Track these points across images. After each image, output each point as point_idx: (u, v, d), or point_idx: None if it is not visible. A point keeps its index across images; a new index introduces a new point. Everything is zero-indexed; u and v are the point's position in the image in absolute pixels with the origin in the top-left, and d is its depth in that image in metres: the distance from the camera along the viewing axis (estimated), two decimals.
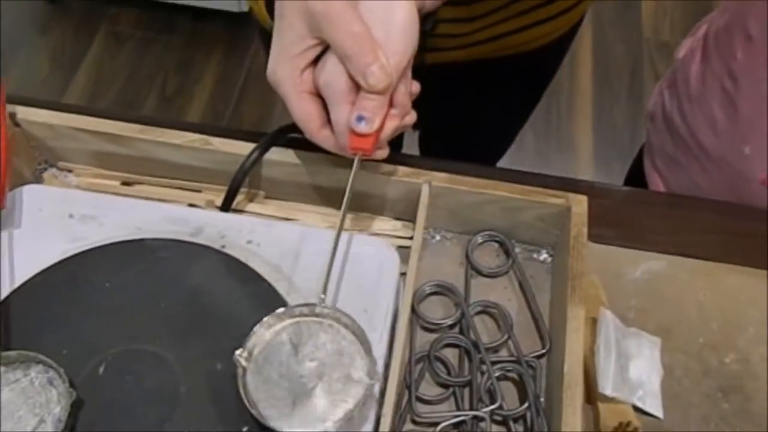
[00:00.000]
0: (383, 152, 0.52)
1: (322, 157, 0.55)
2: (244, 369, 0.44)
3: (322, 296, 0.46)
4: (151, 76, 1.96)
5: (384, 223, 0.59)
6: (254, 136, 0.56)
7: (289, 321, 0.46)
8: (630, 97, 2.00)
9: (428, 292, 0.56)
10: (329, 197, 0.58)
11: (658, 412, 0.53)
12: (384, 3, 0.46)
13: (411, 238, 0.57)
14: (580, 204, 0.55)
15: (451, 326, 0.56)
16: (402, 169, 0.56)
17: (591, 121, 1.97)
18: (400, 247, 0.57)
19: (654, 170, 0.83)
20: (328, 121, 0.49)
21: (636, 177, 0.89)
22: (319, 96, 0.49)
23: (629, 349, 0.53)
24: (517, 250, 0.59)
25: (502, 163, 1.87)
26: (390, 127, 0.49)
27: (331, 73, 0.47)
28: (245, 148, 0.55)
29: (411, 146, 1.06)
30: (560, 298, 0.53)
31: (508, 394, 0.53)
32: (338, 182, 0.56)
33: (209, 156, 0.55)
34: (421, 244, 0.53)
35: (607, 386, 0.50)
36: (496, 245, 0.60)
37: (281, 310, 0.46)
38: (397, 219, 0.59)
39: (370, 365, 0.45)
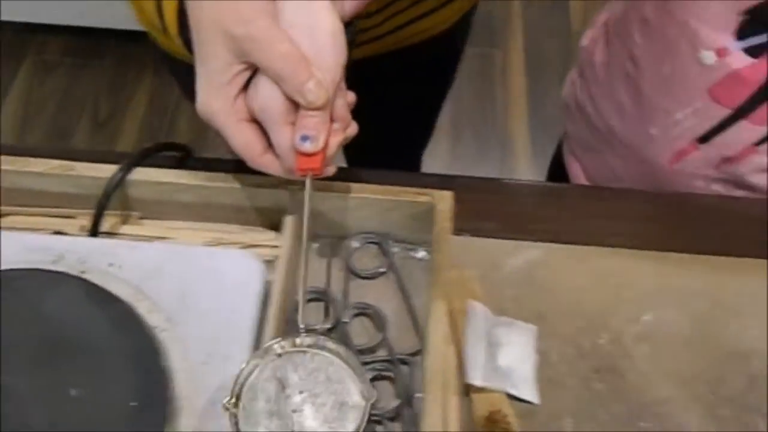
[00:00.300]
0: (332, 168, 0.51)
1: (185, 174, 0.55)
2: (235, 417, 0.43)
3: (302, 326, 0.46)
4: (82, 102, 1.94)
5: (260, 235, 0.59)
6: (121, 157, 0.57)
7: (271, 358, 0.45)
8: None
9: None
10: (203, 213, 0.59)
11: (533, 397, 0.54)
12: (307, 16, 0.45)
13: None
14: (444, 200, 0.56)
15: (330, 330, 0.56)
16: (269, 179, 0.56)
17: (526, 116, 1.99)
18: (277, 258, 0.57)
19: (574, 159, 0.85)
20: (270, 145, 0.48)
21: (558, 167, 0.91)
22: (255, 121, 0.48)
23: (500, 338, 0.54)
24: (395, 249, 0.60)
25: (441, 163, 1.91)
26: (335, 143, 0.48)
27: (266, 96, 0.46)
28: (109, 171, 0.55)
29: None
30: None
31: (387, 394, 0.54)
32: (207, 197, 0.57)
33: (74, 181, 0.55)
34: (292, 251, 0.54)
35: (476, 376, 0.51)
36: (375, 246, 0.60)
37: (262, 348, 0.45)
38: (273, 229, 0.59)
39: (363, 385, 0.44)
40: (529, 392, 0.54)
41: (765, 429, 0.54)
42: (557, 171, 0.90)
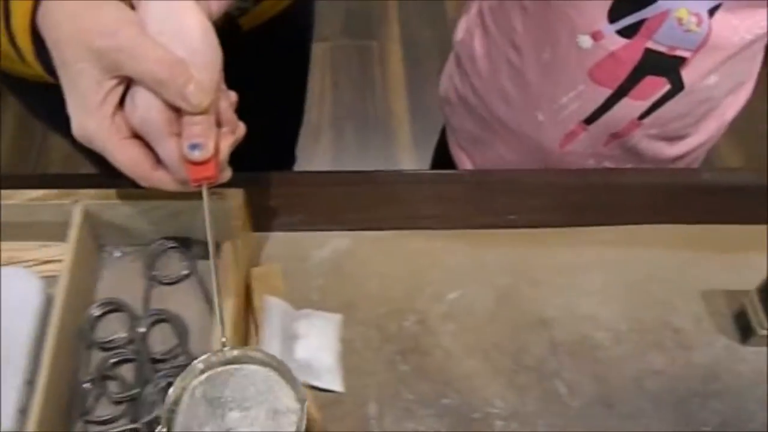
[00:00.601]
0: (227, 173, 0.49)
1: None
2: None
3: (223, 339, 0.45)
4: None
5: (53, 250, 0.57)
6: None
7: (196, 377, 0.44)
8: None
9: (99, 313, 0.55)
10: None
11: (338, 386, 0.54)
12: (174, 21, 0.43)
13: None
14: (235, 198, 0.55)
15: (131, 341, 0.55)
16: (51, 192, 0.54)
17: (406, 106, 2.01)
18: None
19: (460, 150, 0.85)
20: (158, 160, 0.46)
21: (442, 158, 0.91)
22: (138, 137, 0.45)
23: (299, 331, 0.54)
24: (198, 252, 0.59)
25: (325, 159, 1.91)
26: (225, 147, 0.46)
27: (145, 108, 0.44)
28: None
29: None
30: None
31: None
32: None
33: None
34: (74, 265, 0.52)
35: None
36: (177, 251, 0.59)
37: (187, 369, 0.44)
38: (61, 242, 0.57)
39: (296, 389, 0.44)
40: (332, 382, 0.54)
41: (566, 392, 0.55)
42: (443, 162, 0.91)
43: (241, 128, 0.49)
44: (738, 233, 0.63)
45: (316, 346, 0.54)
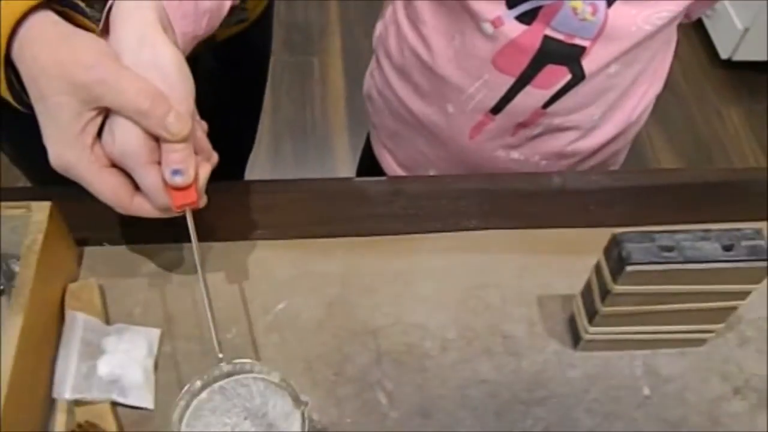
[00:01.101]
0: (204, 199, 0.50)
1: None
2: None
3: (220, 356, 0.49)
4: None
5: None
6: None
7: (196, 396, 0.48)
8: None
9: None
10: None
11: (147, 403, 0.52)
12: (148, 53, 0.44)
13: None
14: (42, 211, 0.54)
15: None
16: None
17: (345, 117, 2.00)
18: None
19: (383, 148, 0.85)
20: (136, 188, 0.47)
21: (368, 159, 0.91)
22: (116, 167, 0.46)
23: (106, 346, 0.53)
24: (16, 267, 0.57)
25: (264, 171, 1.89)
26: (203, 174, 0.48)
27: (124, 139, 0.44)
28: None
29: None
30: None
31: None
32: None
33: None
34: None
35: (64, 390, 0.49)
36: None
37: (183, 391, 0.48)
38: None
39: (292, 394, 0.47)
40: (141, 398, 0.52)
41: (386, 402, 0.54)
42: (368, 163, 0.91)
43: (215, 156, 0.51)
44: (576, 237, 0.63)
45: (125, 362, 0.52)
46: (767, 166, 1.78)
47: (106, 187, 0.46)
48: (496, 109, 0.68)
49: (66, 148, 0.45)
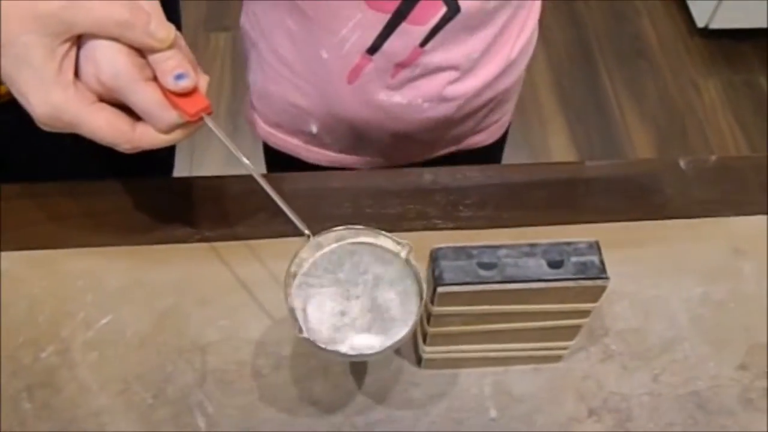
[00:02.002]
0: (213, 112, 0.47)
1: None
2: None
3: (306, 232, 0.46)
4: None
5: None
6: None
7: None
8: None
9: None
10: None
11: None
12: None
13: None
14: None
15: None
16: None
17: None
18: None
19: (252, 110, 0.80)
20: (135, 118, 0.45)
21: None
22: (105, 101, 0.44)
23: None
24: None
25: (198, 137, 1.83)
26: (203, 82, 0.46)
27: (110, 61, 0.42)
28: None
29: None
30: None
31: None
32: None
33: None
34: None
35: None
36: None
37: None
38: None
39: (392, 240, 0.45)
40: None
41: (204, 426, 0.50)
42: None
43: (199, 70, 0.47)
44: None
45: None
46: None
47: (105, 122, 0.43)
48: (373, 49, 0.64)
49: (48, 91, 0.42)
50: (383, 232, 0.45)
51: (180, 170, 0.94)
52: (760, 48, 2.03)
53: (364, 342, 0.43)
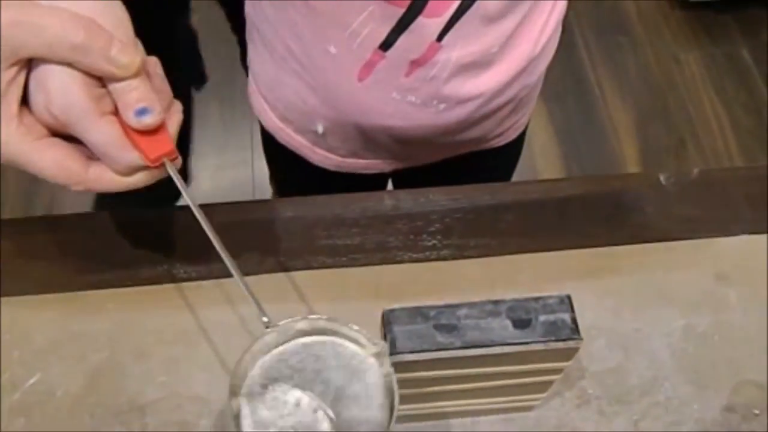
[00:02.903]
0: (179, 160, 0.40)
1: None
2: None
3: (265, 319, 0.38)
4: None
5: None
6: None
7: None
8: None
9: None
10: None
11: None
12: None
13: None
14: None
15: None
16: None
17: None
18: None
19: (264, 102, 0.74)
20: (89, 156, 0.39)
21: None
22: (57, 136, 0.38)
23: None
24: None
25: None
26: (173, 124, 0.40)
27: (62, 89, 0.36)
28: None
29: None
30: None
31: None
32: None
33: None
34: None
35: None
36: None
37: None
38: None
39: (365, 338, 0.38)
40: None
41: None
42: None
43: (178, 104, 0.41)
44: (399, 277, 0.53)
45: None
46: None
47: (51, 161, 0.37)
48: (387, 45, 0.59)
49: None
50: (353, 326, 0.38)
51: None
52: (741, 20, 1.98)
53: None
